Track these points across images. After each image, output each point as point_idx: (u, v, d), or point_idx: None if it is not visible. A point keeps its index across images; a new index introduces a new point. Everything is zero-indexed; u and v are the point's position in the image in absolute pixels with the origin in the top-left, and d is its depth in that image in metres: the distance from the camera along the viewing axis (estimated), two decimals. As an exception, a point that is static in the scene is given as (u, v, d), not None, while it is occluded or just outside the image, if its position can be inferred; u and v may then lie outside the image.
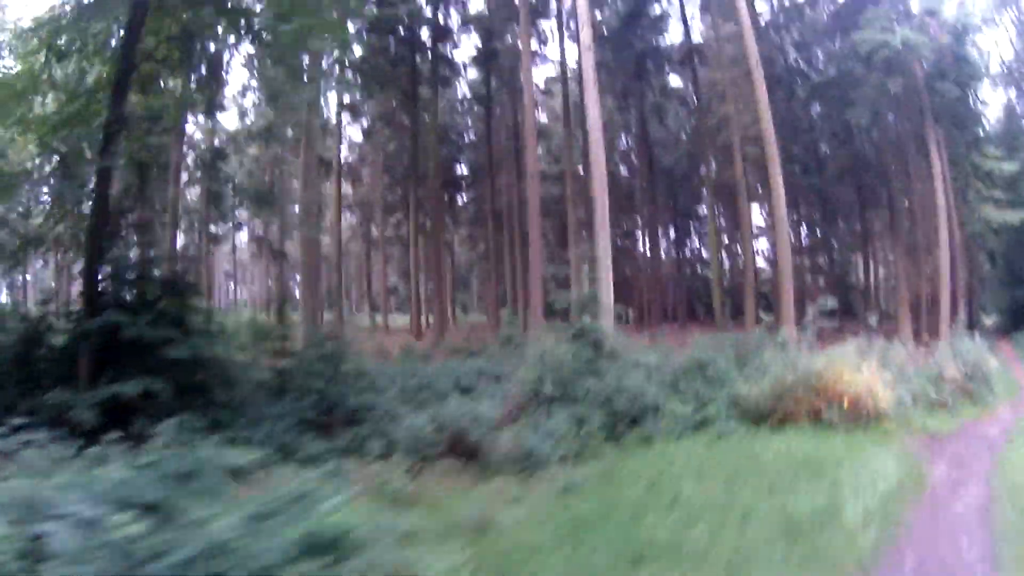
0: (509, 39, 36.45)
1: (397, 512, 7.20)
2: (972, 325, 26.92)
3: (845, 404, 11.39)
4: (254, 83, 33.01)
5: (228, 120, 40.76)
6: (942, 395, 14.53)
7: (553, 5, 34.93)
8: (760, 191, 39.19)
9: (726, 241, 47.18)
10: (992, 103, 38.17)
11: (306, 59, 17.23)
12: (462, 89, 44.21)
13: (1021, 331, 32.68)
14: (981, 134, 32.76)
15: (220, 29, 14.68)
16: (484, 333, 29.26)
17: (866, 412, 11.49)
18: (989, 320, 42.17)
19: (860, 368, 12.03)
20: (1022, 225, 30.89)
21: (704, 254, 50.96)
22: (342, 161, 42.53)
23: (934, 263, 28.72)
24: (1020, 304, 37.36)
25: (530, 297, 23.21)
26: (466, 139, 46.39)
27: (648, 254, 43.37)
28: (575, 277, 27.83)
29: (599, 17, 36.80)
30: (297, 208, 33.55)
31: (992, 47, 35.21)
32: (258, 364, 13.11)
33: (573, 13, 27.10)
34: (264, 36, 13.75)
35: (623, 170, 45.66)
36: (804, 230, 44.55)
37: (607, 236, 17.92)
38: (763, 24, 35.34)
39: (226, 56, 22.96)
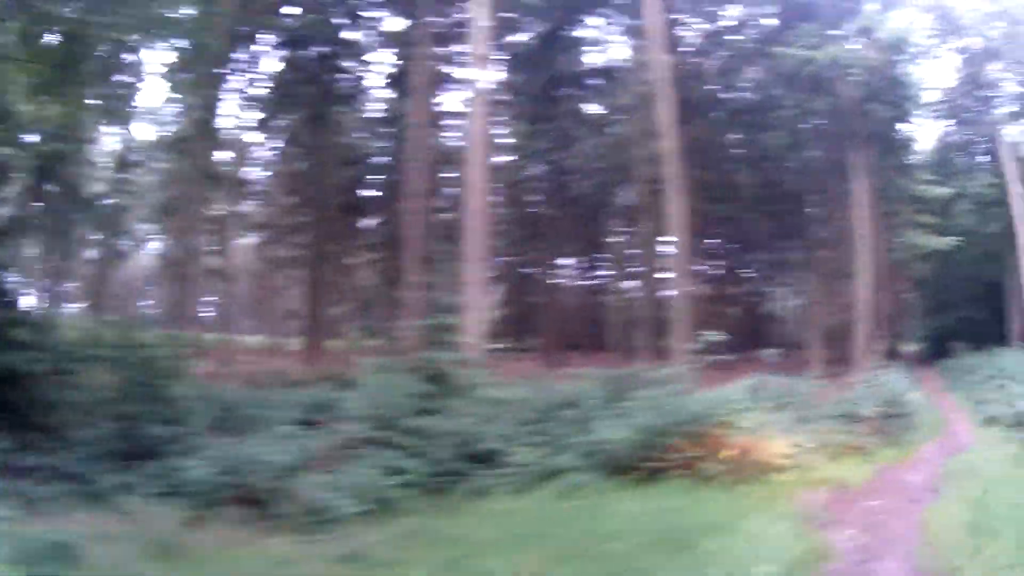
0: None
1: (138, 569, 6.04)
2: (893, 355, 25.85)
3: (729, 453, 9.27)
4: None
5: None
6: (854, 437, 12.63)
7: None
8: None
9: (641, 268, 46.09)
10: (928, 134, 37.90)
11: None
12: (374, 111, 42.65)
13: (946, 359, 31.58)
14: (912, 159, 32.19)
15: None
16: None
17: (756, 463, 9.40)
18: (913, 348, 41.58)
19: (750, 410, 9.98)
20: (950, 251, 30.24)
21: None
22: (246, 179, 40.89)
23: (851, 291, 27.53)
24: (946, 331, 36.48)
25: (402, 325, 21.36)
26: (375, 161, 44.63)
27: (557, 283, 42.08)
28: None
29: (513, 39, 35.67)
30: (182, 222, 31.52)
31: (931, 76, 34.15)
32: (104, 384, 11.29)
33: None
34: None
35: (533, 196, 44.23)
36: (722, 260, 43.68)
37: (481, 262, 16.60)
38: (685, 50, 34.24)
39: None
